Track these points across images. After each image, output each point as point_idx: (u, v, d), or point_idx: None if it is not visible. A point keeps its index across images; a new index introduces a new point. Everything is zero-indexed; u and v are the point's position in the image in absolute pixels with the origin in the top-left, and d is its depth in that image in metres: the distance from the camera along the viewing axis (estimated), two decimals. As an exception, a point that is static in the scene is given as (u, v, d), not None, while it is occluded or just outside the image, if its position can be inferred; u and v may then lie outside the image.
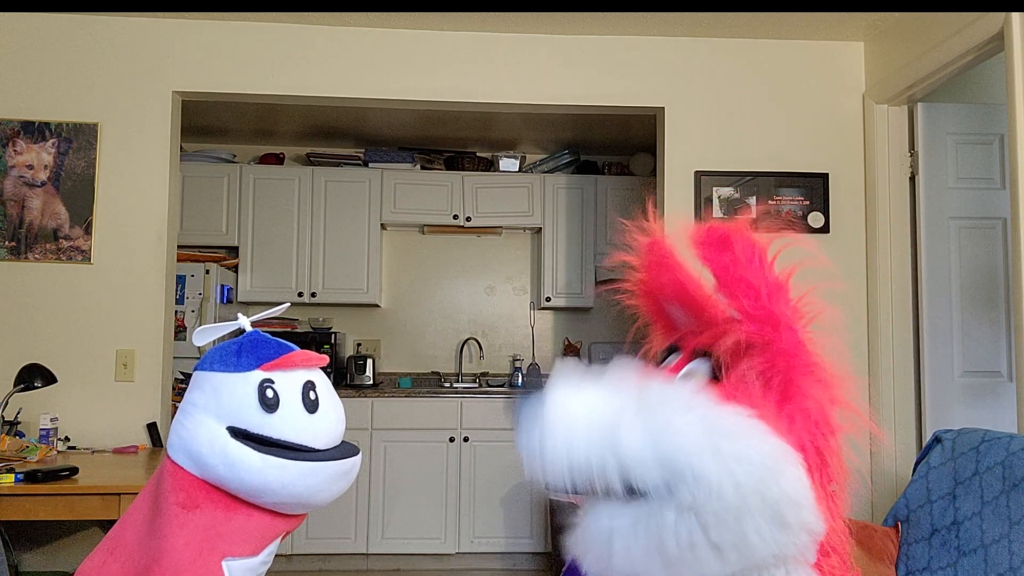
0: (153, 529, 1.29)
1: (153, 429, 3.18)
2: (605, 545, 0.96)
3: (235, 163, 4.74)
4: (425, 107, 3.56)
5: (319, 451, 1.33)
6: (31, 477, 2.34)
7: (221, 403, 1.30)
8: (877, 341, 3.24)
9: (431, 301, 5.04)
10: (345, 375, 4.66)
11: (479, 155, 4.98)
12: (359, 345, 4.94)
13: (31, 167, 3.23)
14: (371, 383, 4.61)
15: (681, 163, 3.42)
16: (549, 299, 4.76)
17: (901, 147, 3.28)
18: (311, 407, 1.33)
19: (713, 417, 0.94)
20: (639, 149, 4.97)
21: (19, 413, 3.02)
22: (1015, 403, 2.73)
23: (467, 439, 4.15)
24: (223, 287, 4.46)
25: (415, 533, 4.10)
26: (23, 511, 2.34)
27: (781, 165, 3.42)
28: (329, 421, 1.35)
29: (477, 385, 4.85)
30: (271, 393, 1.30)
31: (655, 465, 0.91)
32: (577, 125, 4.57)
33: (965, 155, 3.16)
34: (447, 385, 4.84)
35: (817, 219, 3.39)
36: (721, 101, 3.45)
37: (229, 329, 1.43)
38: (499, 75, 3.43)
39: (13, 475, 2.34)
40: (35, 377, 2.85)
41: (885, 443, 3.12)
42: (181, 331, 4.18)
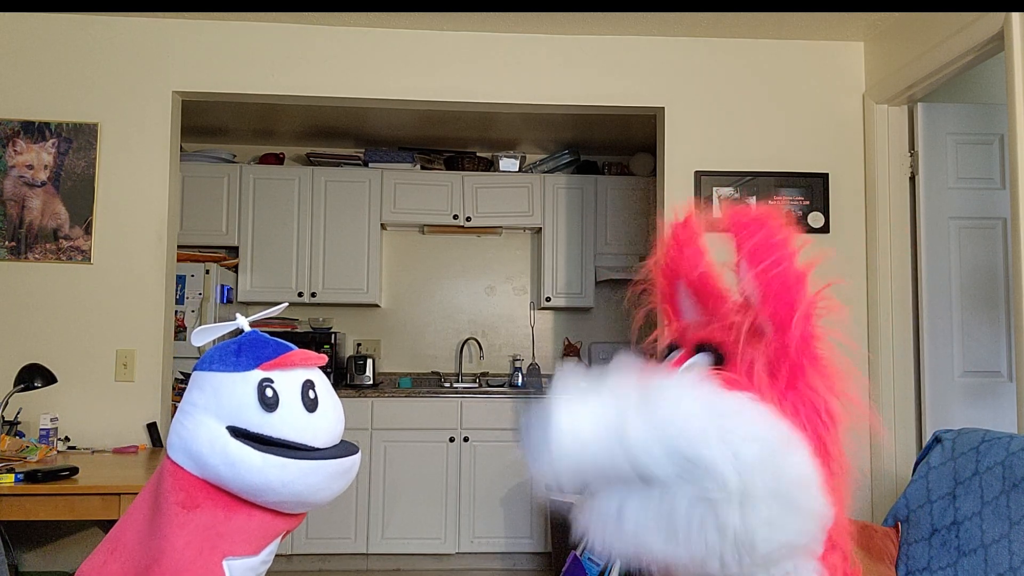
0: (153, 529, 1.29)
1: (153, 429, 3.18)
2: (614, 520, 0.96)
3: (235, 163, 4.74)
4: (425, 107, 3.56)
5: (319, 450, 1.33)
6: (31, 477, 2.34)
7: (221, 403, 1.30)
8: (877, 341, 3.24)
9: (431, 301, 5.04)
10: (345, 375, 4.66)
11: (479, 155, 4.98)
12: (359, 345, 4.94)
13: (31, 167, 3.23)
14: (371, 383, 4.61)
15: (681, 163, 3.42)
16: (549, 299, 4.76)
17: (901, 147, 3.28)
18: (310, 406, 1.33)
19: (717, 402, 0.94)
20: (639, 149, 4.97)
21: (19, 413, 3.02)
22: (1015, 403, 2.73)
23: (467, 439, 4.16)
24: (223, 287, 4.46)
25: (415, 533, 4.10)
26: (23, 511, 2.34)
27: (781, 165, 3.42)
28: (328, 420, 1.36)
29: (477, 385, 4.85)
30: (270, 392, 1.30)
31: (666, 459, 0.91)
32: (577, 125, 4.57)
33: (965, 155, 3.16)
34: (447, 385, 4.84)
35: (817, 219, 3.39)
36: (721, 101, 3.45)
37: (228, 329, 1.43)
38: (499, 75, 3.43)
39: (13, 475, 2.34)
40: (35, 377, 2.86)
41: (885, 438, 3.12)
42: (181, 331, 4.18)
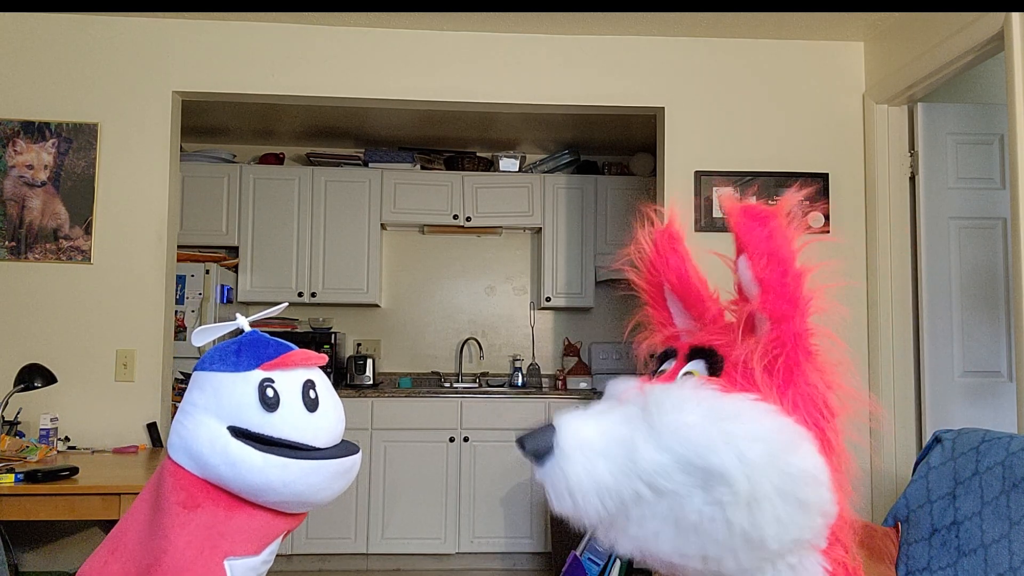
0: (154, 529, 1.29)
1: (153, 429, 3.18)
2: (622, 515, 0.96)
3: (235, 163, 4.74)
4: (425, 107, 3.56)
5: (320, 450, 1.33)
6: (31, 477, 2.34)
7: (221, 403, 1.30)
8: (877, 341, 3.24)
9: (431, 301, 5.04)
10: (345, 375, 4.66)
11: (479, 155, 4.98)
12: (359, 345, 4.94)
13: (31, 167, 3.23)
14: (371, 383, 4.61)
15: (681, 163, 3.42)
16: (549, 299, 4.76)
17: (901, 147, 3.28)
18: (311, 406, 1.33)
19: (718, 405, 0.94)
20: (639, 149, 4.97)
21: (19, 413, 3.02)
22: (1015, 403, 2.73)
23: (467, 439, 4.15)
24: (223, 287, 4.46)
25: (415, 533, 4.10)
26: (23, 511, 2.34)
27: (781, 165, 3.43)
28: (329, 420, 1.36)
29: (477, 385, 4.85)
30: (271, 392, 1.30)
31: (675, 467, 0.92)
32: (577, 125, 4.57)
33: (965, 155, 3.16)
34: (447, 385, 4.84)
35: (817, 219, 3.39)
36: (721, 101, 3.45)
37: (228, 329, 1.43)
38: (499, 75, 3.43)
39: (13, 475, 2.34)
40: (35, 377, 2.86)
41: (885, 431, 3.12)
42: (181, 331, 4.18)
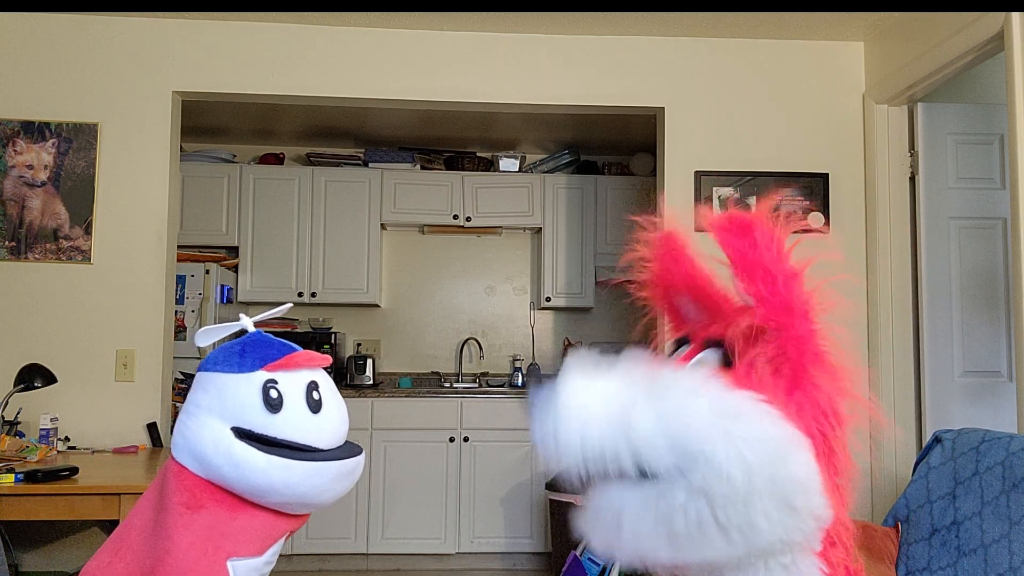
0: (158, 529, 1.29)
1: (153, 429, 3.18)
2: (614, 523, 0.97)
3: (235, 163, 4.74)
4: (425, 107, 3.56)
5: (323, 451, 1.34)
6: (31, 477, 2.34)
7: (225, 404, 1.30)
8: (877, 341, 3.25)
9: (431, 301, 5.04)
10: (345, 375, 4.66)
11: (479, 155, 4.98)
12: (359, 345, 4.94)
13: (31, 167, 3.23)
14: (371, 383, 4.61)
15: (681, 163, 3.42)
16: (549, 299, 4.76)
17: (901, 147, 3.29)
18: (315, 407, 1.33)
19: (723, 401, 0.95)
20: (639, 149, 4.97)
21: (19, 413, 3.02)
22: (1015, 403, 2.73)
23: (467, 439, 4.16)
24: (223, 287, 4.46)
25: (415, 533, 4.10)
26: (23, 511, 2.34)
27: (781, 165, 3.43)
28: (333, 421, 1.36)
29: (477, 385, 4.85)
30: (275, 393, 1.30)
31: (667, 448, 0.92)
32: (577, 125, 4.57)
33: (965, 155, 3.16)
34: (447, 385, 4.84)
35: (817, 219, 3.40)
36: (721, 101, 3.45)
37: (232, 330, 1.43)
38: (499, 75, 3.43)
39: (13, 475, 2.34)
40: (35, 377, 2.86)
41: (890, 435, 3.13)
42: (181, 331, 4.17)
